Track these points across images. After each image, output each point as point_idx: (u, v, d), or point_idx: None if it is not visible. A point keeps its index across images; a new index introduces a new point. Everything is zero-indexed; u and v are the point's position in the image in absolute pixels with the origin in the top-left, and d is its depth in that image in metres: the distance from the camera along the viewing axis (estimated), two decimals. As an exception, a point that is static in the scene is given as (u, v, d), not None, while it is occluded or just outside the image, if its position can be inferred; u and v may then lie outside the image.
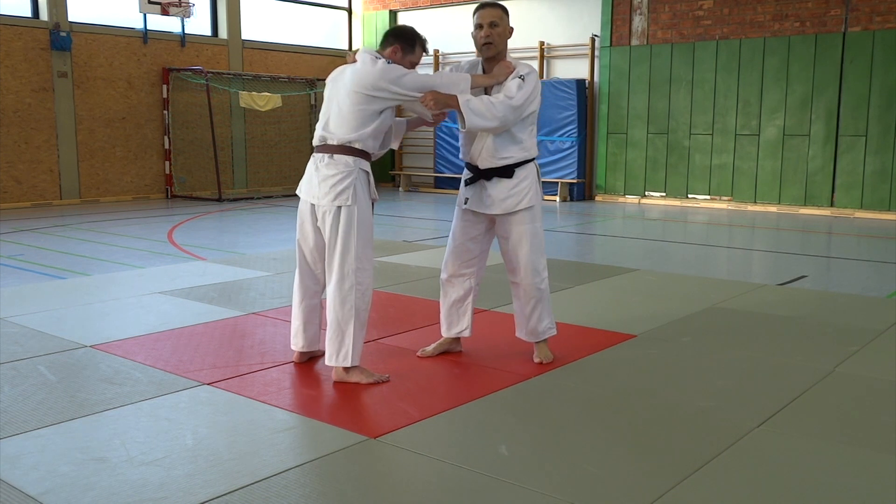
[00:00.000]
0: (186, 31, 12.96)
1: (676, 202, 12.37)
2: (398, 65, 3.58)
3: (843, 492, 2.57)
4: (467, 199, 3.86)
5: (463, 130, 3.67)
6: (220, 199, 12.46)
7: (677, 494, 2.53)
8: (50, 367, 3.78)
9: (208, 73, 12.75)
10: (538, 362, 3.90)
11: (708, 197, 12.17)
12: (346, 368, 3.57)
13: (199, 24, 13.28)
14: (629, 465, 2.77)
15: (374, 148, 3.62)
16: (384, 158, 14.74)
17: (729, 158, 11.92)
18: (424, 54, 3.78)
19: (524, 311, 3.89)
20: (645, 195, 12.74)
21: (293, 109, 14.41)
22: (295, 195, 3.80)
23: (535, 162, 3.87)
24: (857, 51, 10.78)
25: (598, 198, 13.20)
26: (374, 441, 2.95)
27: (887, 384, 3.63)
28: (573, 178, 13.01)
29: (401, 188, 14.98)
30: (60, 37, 11.33)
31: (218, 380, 3.62)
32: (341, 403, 3.40)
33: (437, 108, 3.55)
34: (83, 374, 3.69)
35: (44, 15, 11.37)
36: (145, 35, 12.44)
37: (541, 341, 3.94)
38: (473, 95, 3.63)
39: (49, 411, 3.21)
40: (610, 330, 4.54)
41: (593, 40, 12.97)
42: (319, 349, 3.89)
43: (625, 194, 12.93)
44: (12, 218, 9.97)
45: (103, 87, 12.03)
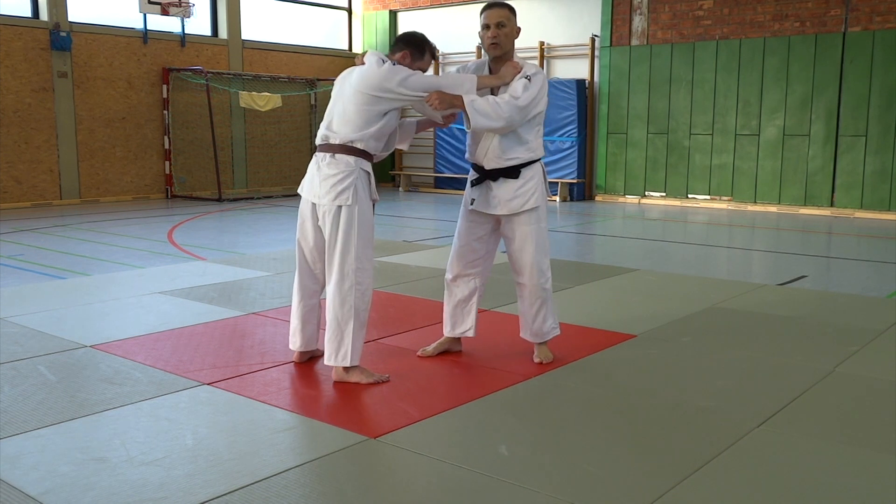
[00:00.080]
0: (186, 31, 12.96)
1: (676, 202, 12.37)
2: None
3: (843, 492, 2.57)
4: (473, 199, 3.86)
5: (468, 130, 3.67)
6: (220, 199, 12.45)
7: (677, 494, 2.53)
8: (50, 367, 3.78)
9: (208, 73, 12.75)
10: (538, 362, 3.90)
11: (708, 197, 12.17)
12: (346, 368, 3.58)
13: (199, 24, 13.28)
14: (629, 465, 2.77)
15: (377, 149, 3.63)
16: (384, 158, 14.75)
17: (729, 158, 11.92)
18: (433, 61, 3.79)
19: (529, 311, 3.89)
20: (645, 195, 12.74)
21: (293, 109, 14.41)
22: (295, 195, 3.81)
23: (542, 162, 3.87)
24: (857, 51, 10.78)
25: (598, 198, 13.20)
26: (374, 441, 2.95)
27: (887, 384, 3.63)
28: (573, 178, 13.01)
29: (401, 188, 14.98)
30: (60, 37, 11.33)
31: (218, 380, 3.62)
32: (341, 403, 3.40)
33: (443, 107, 3.55)
34: (83, 374, 3.69)
35: (44, 15, 11.37)
36: (145, 35, 12.44)
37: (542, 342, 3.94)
38: (480, 96, 3.62)
39: (49, 411, 3.21)
40: (610, 330, 4.54)
41: (593, 40, 12.97)
42: (318, 349, 3.90)
43: (625, 194, 12.93)
44: (12, 218, 9.97)
45: (103, 87, 12.03)
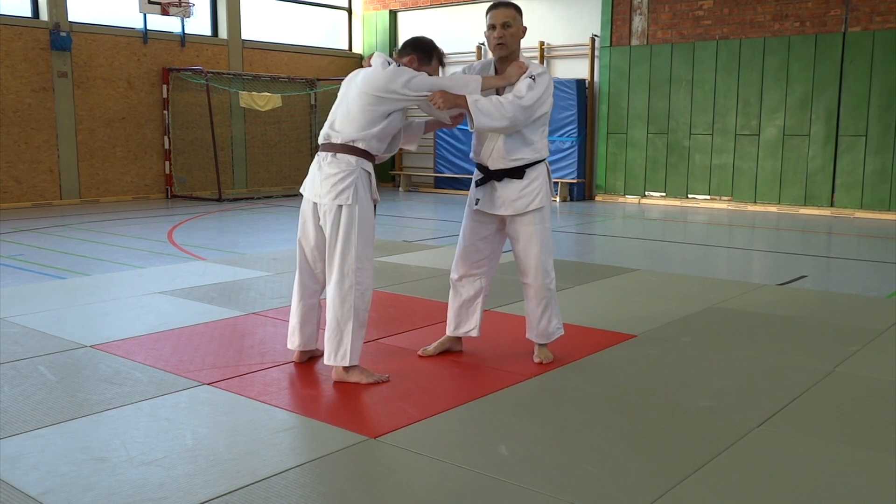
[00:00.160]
0: (186, 31, 12.96)
1: (676, 202, 12.37)
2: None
3: (843, 492, 2.57)
4: (478, 199, 3.86)
5: (472, 130, 3.66)
6: (220, 199, 12.45)
7: (677, 494, 2.53)
8: (50, 367, 3.78)
9: (208, 73, 12.75)
10: (538, 362, 3.90)
11: (708, 197, 12.17)
12: (346, 368, 3.58)
13: (199, 24, 13.28)
14: (629, 465, 2.77)
15: (379, 150, 3.62)
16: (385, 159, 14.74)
17: (729, 158, 11.92)
18: (441, 67, 3.79)
19: (535, 312, 3.89)
20: (645, 195, 12.74)
21: (293, 109, 14.41)
22: (295, 195, 3.82)
23: (546, 162, 3.87)
24: (857, 51, 10.78)
25: (598, 198, 13.20)
26: (374, 441, 2.95)
27: (887, 384, 3.63)
28: (573, 178, 13.01)
29: (401, 188, 14.98)
30: (60, 37, 11.33)
31: (218, 380, 3.62)
32: (341, 403, 3.40)
33: (446, 107, 3.54)
34: (83, 374, 3.69)
35: (44, 15, 11.37)
36: (145, 35, 12.44)
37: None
38: (485, 96, 3.62)
39: (49, 411, 3.20)
40: (610, 330, 4.54)
41: (593, 40, 12.98)
42: (317, 349, 3.90)
43: (625, 194, 12.93)
44: (12, 218, 9.97)
45: (103, 87, 12.04)
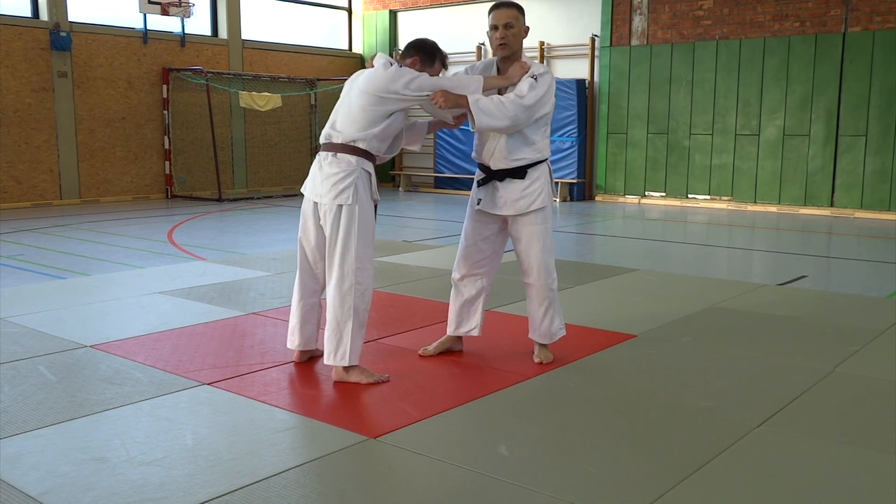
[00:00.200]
0: (186, 31, 12.96)
1: (676, 202, 12.37)
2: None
3: (843, 492, 2.57)
4: (480, 199, 3.86)
5: (474, 130, 3.66)
6: (220, 199, 12.45)
7: (677, 494, 2.53)
8: (50, 367, 3.78)
9: (208, 73, 12.75)
10: (538, 362, 3.90)
11: (708, 197, 12.17)
12: (346, 368, 3.58)
13: (199, 24, 13.28)
14: (629, 465, 2.77)
15: (380, 150, 3.62)
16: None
17: (729, 158, 11.92)
18: (444, 70, 3.79)
19: (538, 312, 3.88)
20: (645, 195, 12.74)
21: (293, 109, 14.41)
22: (295, 195, 3.82)
23: (548, 162, 3.87)
24: (857, 51, 10.78)
25: (598, 198, 13.20)
26: (374, 441, 2.95)
27: (887, 384, 3.63)
28: (573, 178, 13.02)
29: (401, 188, 14.98)
30: (60, 37, 11.33)
31: (218, 380, 3.62)
32: (341, 403, 3.40)
33: (447, 106, 3.54)
34: (83, 374, 3.69)
35: (44, 15, 11.37)
36: (145, 35, 12.44)
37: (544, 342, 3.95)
38: (487, 96, 3.62)
39: (49, 411, 3.20)
40: (610, 330, 4.54)
41: (593, 40, 12.98)
42: (317, 349, 3.90)
43: (625, 194, 12.93)
44: (12, 218, 9.97)
45: (103, 87, 12.04)
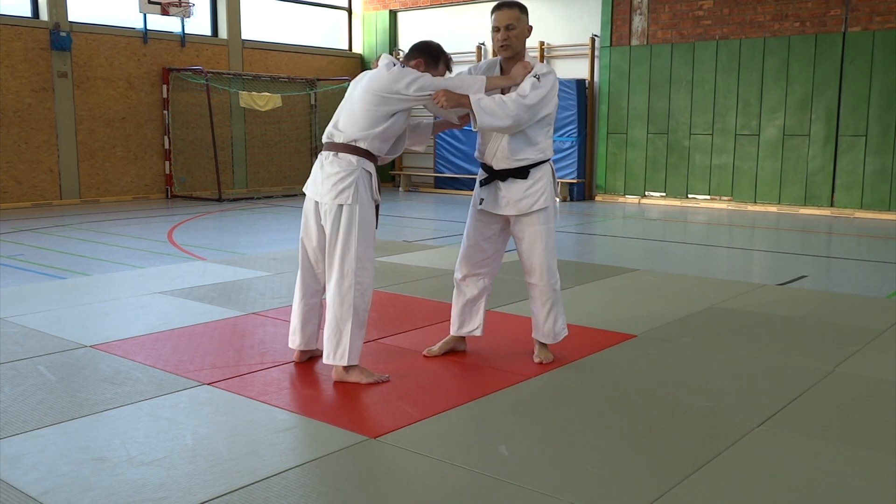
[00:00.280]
0: (186, 31, 12.96)
1: (676, 202, 12.36)
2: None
3: (843, 492, 2.57)
4: (482, 199, 3.86)
5: (475, 130, 3.66)
6: (220, 199, 12.45)
7: (677, 494, 2.53)
8: (50, 367, 3.78)
9: (208, 73, 12.75)
10: (538, 362, 3.90)
11: (708, 197, 12.17)
12: (346, 368, 3.58)
13: (199, 24, 13.28)
14: (629, 464, 2.77)
15: (381, 150, 3.62)
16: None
17: (729, 158, 11.92)
18: (448, 72, 3.79)
19: (541, 312, 3.89)
20: (645, 195, 12.74)
21: (293, 109, 14.41)
22: (295, 195, 3.81)
23: (551, 162, 3.86)
24: (857, 51, 10.78)
25: (598, 198, 13.20)
26: (374, 441, 2.95)
27: (887, 384, 3.63)
28: (573, 178, 13.02)
29: (401, 188, 14.98)
30: (60, 37, 11.33)
31: (218, 380, 3.62)
32: (341, 403, 3.40)
33: (449, 105, 3.54)
34: (83, 374, 3.69)
35: (44, 15, 11.37)
36: (145, 35, 12.44)
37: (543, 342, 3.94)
38: (489, 96, 3.61)
39: (49, 411, 3.20)
40: (610, 330, 4.54)
41: (593, 40, 12.98)
42: (317, 349, 3.90)
43: (625, 194, 12.93)
44: (12, 218, 9.97)
45: (103, 87, 12.04)
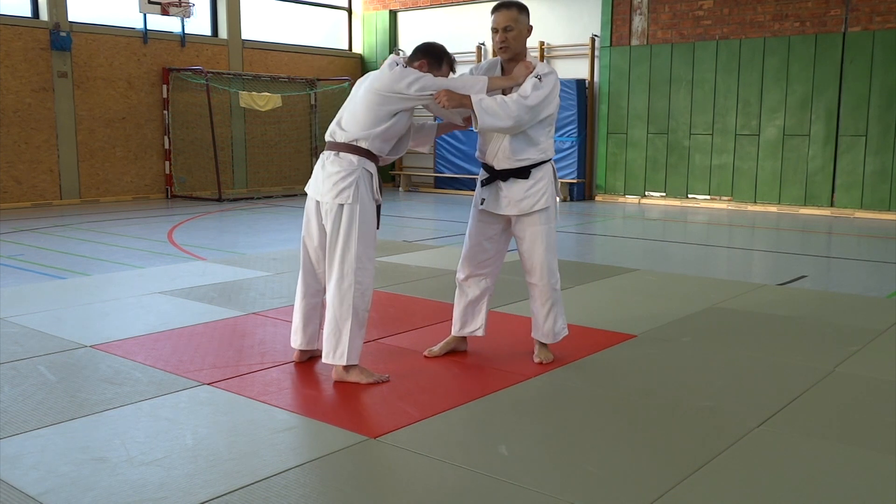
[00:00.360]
0: (186, 31, 12.96)
1: (676, 202, 12.37)
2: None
3: (843, 492, 2.57)
4: (483, 199, 3.86)
5: (476, 130, 3.66)
6: (220, 199, 12.45)
7: (677, 494, 2.53)
8: (50, 367, 3.78)
9: (208, 73, 12.75)
10: (538, 362, 3.90)
11: (708, 197, 12.17)
12: (346, 368, 3.58)
13: (199, 24, 13.28)
14: (629, 464, 2.77)
15: (382, 150, 3.62)
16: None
17: (729, 158, 11.92)
18: (451, 73, 3.79)
19: (541, 312, 3.89)
20: (645, 195, 12.74)
21: (293, 109, 14.41)
22: (294, 195, 3.81)
23: (552, 162, 3.86)
24: (857, 51, 10.78)
25: (598, 198, 13.20)
26: (374, 441, 2.95)
27: (887, 384, 3.63)
28: (573, 178, 13.02)
29: (401, 188, 14.98)
30: (60, 37, 11.33)
31: (218, 380, 3.62)
32: (341, 403, 3.40)
33: (451, 105, 3.54)
34: (83, 374, 3.69)
35: (44, 15, 11.37)
36: (145, 35, 12.44)
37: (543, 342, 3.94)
38: (491, 96, 3.61)
39: (49, 411, 3.20)
40: (610, 330, 4.54)
41: (593, 40, 12.98)
42: (318, 348, 3.89)
43: (625, 194, 12.93)
44: (12, 218, 9.97)
45: (103, 87, 12.04)
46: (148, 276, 6.06)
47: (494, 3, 3.79)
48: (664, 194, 12.56)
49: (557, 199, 3.88)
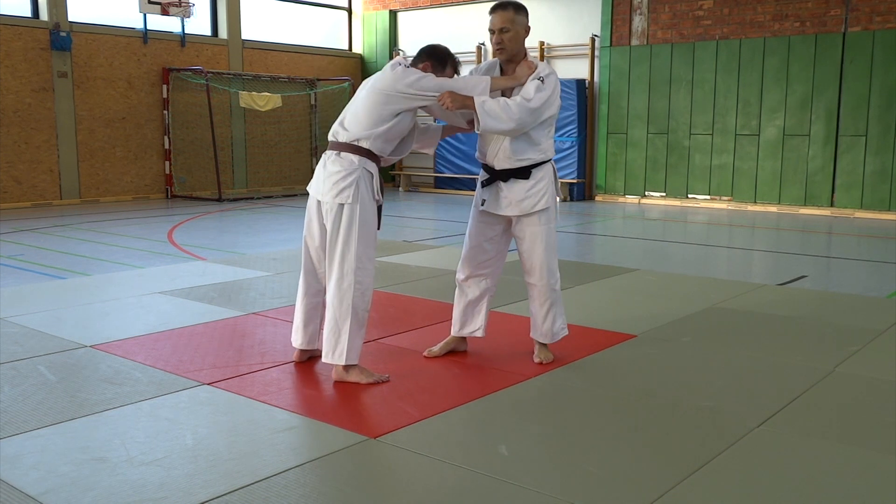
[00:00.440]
0: (186, 31, 12.96)
1: (676, 202, 12.37)
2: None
3: (843, 492, 2.57)
4: (484, 200, 3.85)
5: (478, 132, 3.66)
6: (220, 199, 12.45)
7: (677, 494, 2.53)
8: (50, 367, 3.78)
9: (208, 73, 12.75)
10: (538, 362, 3.90)
11: (708, 197, 12.17)
12: (346, 368, 3.58)
13: (199, 24, 13.28)
14: (629, 464, 2.77)
15: (384, 151, 3.62)
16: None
17: (729, 158, 11.92)
18: (455, 75, 3.79)
19: (540, 312, 3.89)
20: (645, 195, 12.74)
21: (293, 109, 14.41)
22: (295, 195, 3.82)
23: (552, 162, 3.86)
24: (857, 51, 10.78)
25: (598, 198, 13.20)
26: (374, 441, 2.95)
27: (887, 384, 3.63)
28: (573, 178, 13.02)
29: (401, 188, 14.98)
30: (60, 37, 11.33)
31: (218, 380, 3.62)
32: (341, 403, 3.40)
33: (454, 107, 3.53)
34: (83, 374, 3.69)
35: (44, 15, 11.37)
36: (145, 35, 12.44)
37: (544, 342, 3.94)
38: (492, 97, 3.61)
39: (49, 411, 3.20)
40: (610, 330, 4.54)
41: (593, 40, 12.98)
42: (318, 348, 3.90)
43: (625, 194, 12.93)
44: (12, 218, 9.97)
45: (103, 87, 12.04)
46: (148, 276, 6.06)
47: (492, 4, 3.80)
48: (664, 194, 12.56)
49: (558, 199, 3.89)
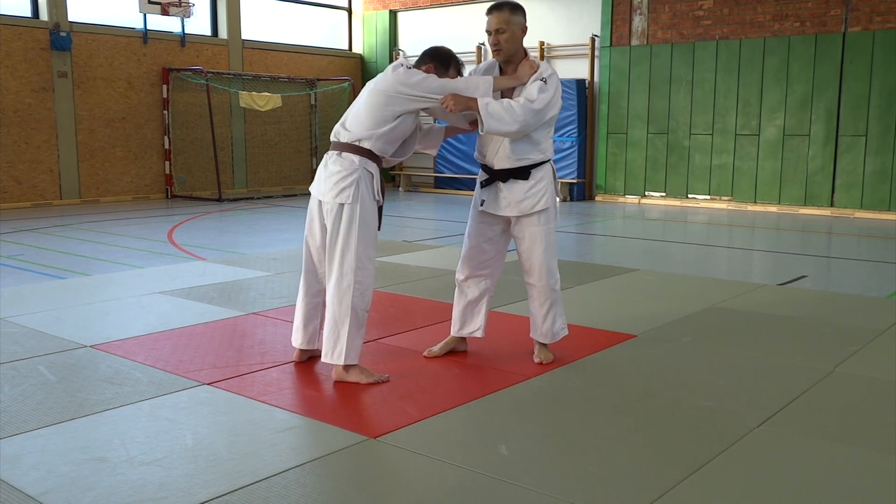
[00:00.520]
0: (186, 31, 12.96)
1: (676, 202, 12.37)
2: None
3: (843, 492, 2.57)
4: (483, 200, 3.85)
5: (482, 133, 3.66)
6: (220, 199, 12.45)
7: (677, 494, 2.53)
8: (50, 367, 3.78)
9: (208, 73, 12.75)
10: (538, 362, 3.90)
11: (708, 197, 12.17)
12: (346, 368, 3.58)
13: (199, 24, 13.28)
14: (629, 464, 2.77)
15: (386, 152, 3.62)
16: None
17: (729, 158, 11.92)
18: (459, 77, 3.79)
19: (539, 312, 3.89)
20: (645, 195, 12.74)
21: (293, 109, 14.41)
22: (295, 195, 3.82)
23: (552, 163, 3.86)
24: (857, 51, 10.78)
25: (598, 198, 13.20)
26: (374, 441, 2.95)
27: (887, 384, 3.63)
28: (573, 178, 13.02)
29: (401, 188, 14.98)
30: (60, 37, 11.33)
31: (218, 380, 3.62)
32: (341, 403, 3.40)
33: (458, 109, 3.53)
34: (83, 374, 3.69)
35: (44, 15, 11.37)
36: (145, 35, 12.44)
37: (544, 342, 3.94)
38: (495, 98, 3.60)
39: (49, 411, 3.21)
40: (610, 330, 4.54)
41: (593, 40, 12.98)
42: (318, 348, 3.90)
43: (625, 194, 12.93)
44: (12, 218, 9.97)
45: (103, 87, 12.04)
46: (148, 276, 6.06)
47: (489, 5, 3.80)
48: (664, 194, 12.56)
49: (557, 199, 3.88)
